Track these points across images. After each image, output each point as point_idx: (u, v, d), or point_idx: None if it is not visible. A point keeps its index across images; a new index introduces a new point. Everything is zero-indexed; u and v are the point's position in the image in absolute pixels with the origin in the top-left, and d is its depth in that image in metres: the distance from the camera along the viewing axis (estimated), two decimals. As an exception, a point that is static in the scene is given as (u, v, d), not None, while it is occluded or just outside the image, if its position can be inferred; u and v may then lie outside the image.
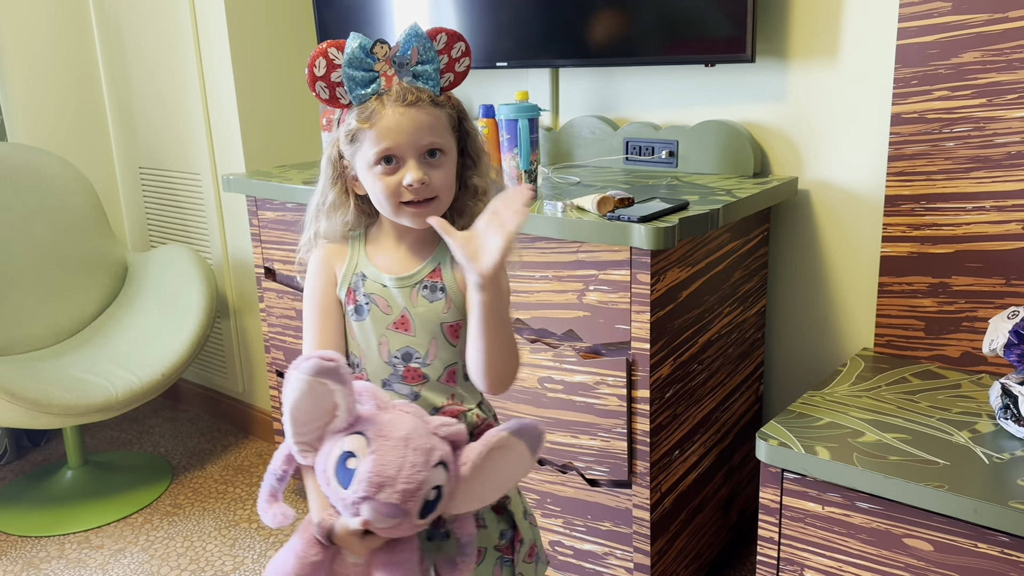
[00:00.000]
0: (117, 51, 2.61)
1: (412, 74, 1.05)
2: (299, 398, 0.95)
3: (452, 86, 1.10)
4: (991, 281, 1.55)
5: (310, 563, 1.01)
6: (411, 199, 1.05)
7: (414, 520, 0.96)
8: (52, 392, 2.03)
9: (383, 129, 1.03)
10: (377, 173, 1.05)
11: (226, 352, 2.66)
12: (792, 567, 1.39)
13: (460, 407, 1.13)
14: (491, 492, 1.03)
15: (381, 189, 1.05)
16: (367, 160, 1.05)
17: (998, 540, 1.17)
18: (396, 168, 1.04)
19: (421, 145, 1.04)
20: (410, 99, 1.04)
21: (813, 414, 1.44)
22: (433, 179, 1.05)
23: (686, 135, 1.88)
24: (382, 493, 0.93)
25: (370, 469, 0.94)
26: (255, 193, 2.04)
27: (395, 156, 1.04)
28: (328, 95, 1.06)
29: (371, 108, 1.04)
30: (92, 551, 2.10)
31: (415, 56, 1.05)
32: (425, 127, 1.04)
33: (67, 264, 2.45)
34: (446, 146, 1.07)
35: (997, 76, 1.47)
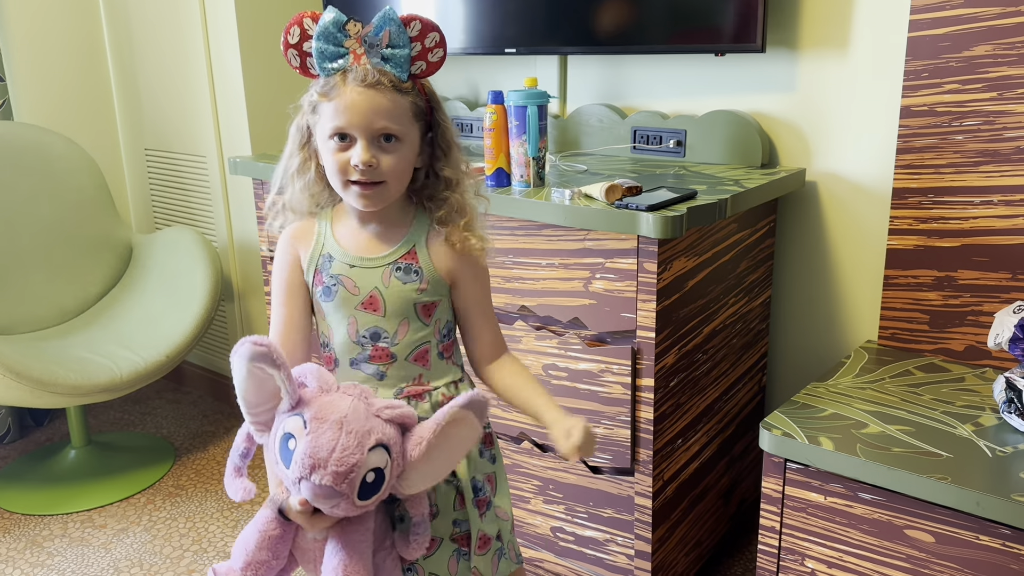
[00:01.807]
0: (123, 31, 2.61)
1: (381, 56, 1.06)
2: (241, 382, 0.98)
3: (424, 74, 1.10)
4: (997, 275, 1.55)
5: (270, 537, 1.04)
6: (357, 179, 1.06)
7: (354, 501, 0.97)
8: (56, 372, 2.04)
9: (339, 106, 1.05)
10: (330, 148, 1.07)
11: (230, 335, 2.66)
12: (793, 556, 1.40)
13: (424, 387, 1.15)
14: (444, 467, 1.04)
15: (331, 164, 1.07)
16: (323, 132, 1.07)
17: (1000, 533, 1.18)
18: (348, 146, 1.06)
19: (374, 128, 1.05)
20: (370, 80, 1.05)
21: (817, 405, 1.45)
22: (382, 163, 1.06)
23: (694, 125, 1.88)
24: (315, 475, 0.95)
25: (304, 451, 0.96)
26: (261, 176, 2.04)
27: (347, 134, 1.05)
28: (299, 63, 1.08)
29: (333, 83, 1.06)
30: (95, 530, 2.11)
31: (386, 39, 1.06)
32: (381, 111, 1.05)
33: (72, 245, 2.46)
34: (402, 133, 1.07)
35: (1008, 70, 1.47)
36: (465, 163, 1.17)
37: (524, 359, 1.18)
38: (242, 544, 1.05)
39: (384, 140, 1.06)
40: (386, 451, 0.98)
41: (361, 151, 1.04)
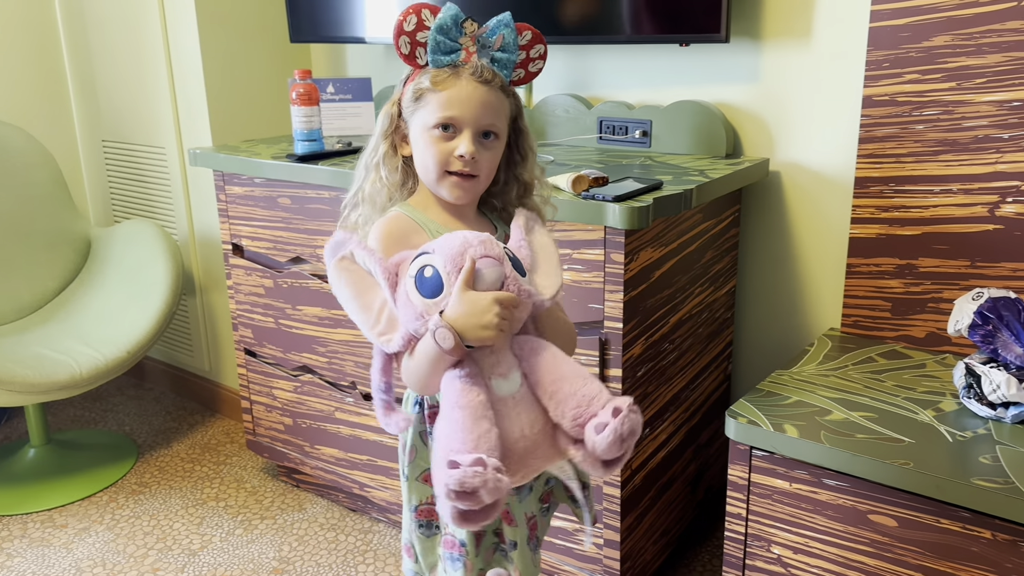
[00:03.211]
0: (79, 19, 2.55)
1: (491, 58, 1.09)
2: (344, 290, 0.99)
3: (520, 82, 1.14)
4: (957, 263, 1.57)
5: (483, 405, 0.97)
6: (458, 169, 1.07)
7: (513, 272, 0.98)
8: (13, 369, 1.99)
9: (453, 97, 1.06)
10: (433, 137, 1.07)
11: (192, 330, 2.62)
12: (759, 543, 1.41)
13: None
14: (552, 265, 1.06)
15: (433, 153, 1.07)
16: (426, 122, 1.07)
17: (960, 516, 1.20)
18: (452, 136, 1.07)
19: (482, 123, 1.07)
20: (486, 76, 1.07)
21: (781, 393, 1.46)
22: (482, 158, 1.07)
23: (660, 115, 1.88)
24: (468, 254, 0.96)
25: (445, 254, 0.96)
26: (222, 168, 2.01)
27: (455, 125, 1.06)
28: (408, 51, 1.08)
29: (447, 74, 1.07)
30: (56, 530, 2.07)
31: (499, 42, 1.09)
32: (490, 107, 1.07)
33: (28, 239, 2.40)
34: (501, 133, 1.10)
35: (967, 60, 1.49)
36: (541, 170, 1.20)
37: None
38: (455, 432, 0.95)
39: (484, 136, 1.08)
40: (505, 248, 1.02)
41: (468, 143, 1.06)
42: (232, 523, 2.08)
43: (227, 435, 2.52)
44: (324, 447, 2.05)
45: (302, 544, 1.98)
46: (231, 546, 1.98)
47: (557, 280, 1.05)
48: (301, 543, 1.99)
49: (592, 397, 0.98)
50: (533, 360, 1.01)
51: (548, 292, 1.03)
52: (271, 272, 2.01)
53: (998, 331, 1.35)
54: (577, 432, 0.99)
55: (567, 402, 0.98)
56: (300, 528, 2.05)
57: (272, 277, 2.01)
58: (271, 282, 2.02)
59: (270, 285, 2.02)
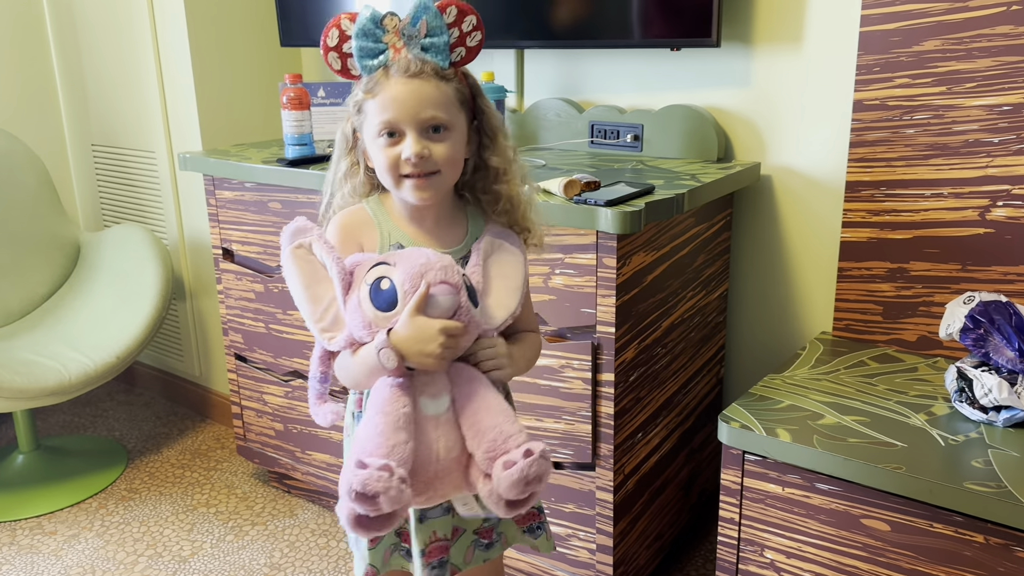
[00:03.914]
0: (68, 23, 2.53)
1: (421, 47, 1.05)
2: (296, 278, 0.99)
3: (464, 61, 1.09)
4: (948, 267, 1.58)
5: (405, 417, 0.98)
6: (410, 172, 1.04)
7: (467, 303, 0.99)
8: (2, 375, 1.98)
9: (385, 100, 1.03)
10: (380, 145, 1.05)
11: (182, 335, 2.61)
12: (752, 547, 1.41)
13: None
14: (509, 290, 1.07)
15: (383, 161, 1.05)
16: (371, 131, 1.06)
17: (952, 520, 1.20)
18: (398, 141, 1.04)
19: (422, 118, 1.03)
20: (413, 70, 1.03)
21: (774, 397, 1.46)
22: (434, 152, 1.04)
23: (651, 119, 1.88)
24: (426, 277, 0.97)
25: (405, 271, 0.97)
26: (212, 172, 2.00)
27: (395, 128, 1.04)
28: (340, 66, 1.07)
29: (376, 79, 1.04)
30: (45, 537, 2.05)
31: (424, 28, 1.04)
32: (427, 100, 1.03)
33: (17, 244, 2.38)
34: (451, 121, 1.05)
35: (957, 64, 1.50)
36: (512, 150, 1.15)
37: None
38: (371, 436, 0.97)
39: (433, 131, 1.05)
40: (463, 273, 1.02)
41: (412, 143, 1.03)
42: (223, 529, 2.06)
43: (217, 440, 2.50)
44: (315, 452, 2.04)
45: (293, 550, 1.97)
46: (222, 552, 1.97)
47: (509, 308, 1.06)
48: (292, 549, 1.98)
49: (510, 435, 1.00)
50: (465, 388, 1.03)
51: (496, 320, 1.05)
52: (261, 277, 2.00)
53: (989, 335, 1.35)
54: (487, 466, 1.00)
55: (485, 434, 1.00)
56: (291, 534, 2.04)
57: (263, 282, 2.00)
58: (262, 287, 2.01)
59: (260, 290, 2.01)
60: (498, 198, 1.13)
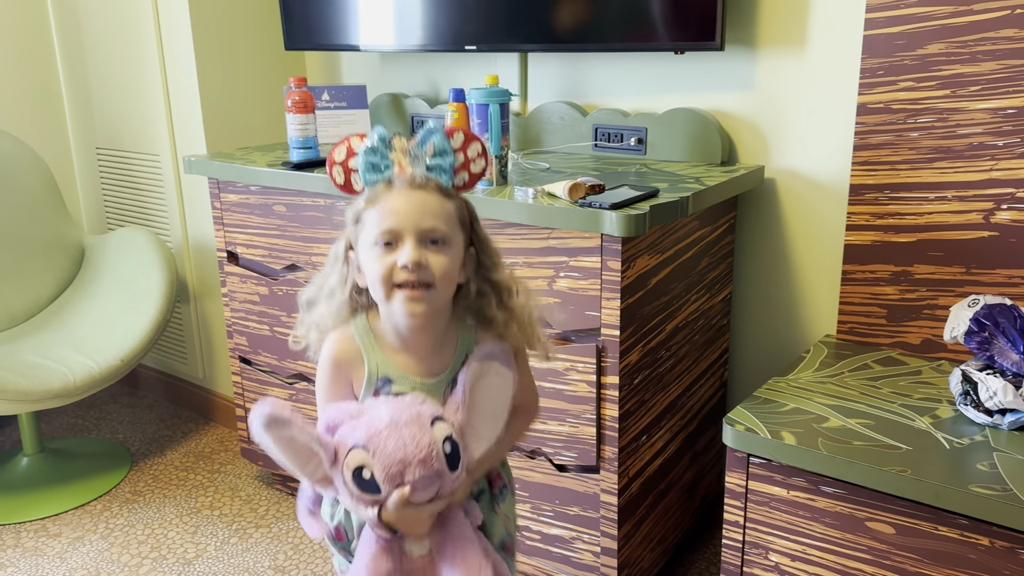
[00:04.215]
0: (73, 26, 2.54)
1: (426, 167, 1.06)
2: (275, 451, 1.00)
3: (466, 187, 1.09)
4: (952, 269, 1.58)
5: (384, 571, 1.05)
6: (404, 280, 1.02)
7: (449, 476, 1.01)
8: (7, 377, 1.98)
9: (386, 208, 1.03)
10: (376, 254, 1.03)
11: (186, 338, 2.61)
12: (757, 550, 1.41)
13: None
14: (493, 420, 1.07)
15: (377, 270, 1.03)
16: (368, 240, 1.04)
17: (958, 523, 1.20)
18: (394, 250, 1.03)
19: (422, 228, 1.02)
20: (418, 182, 1.04)
21: (778, 400, 1.46)
22: (431, 263, 1.02)
23: (655, 122, 1.89)
24: (407, 475, 0.98)
25: (383, 466, 0.98)
26: (217, 175, 2.01)
27: (395, 237, 1.02)
28: (343, 180, 1.08)
29: (378, 191, 1.05)
30: (49, 539, 2.05)
31: (431, 149, 1.06)
32: (428, 210, 1.03)
33: (21, 247, 2.39)
34: (450, 236, 1.05)
35: (961, 68, 1.50)
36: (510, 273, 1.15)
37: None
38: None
39: (432, 243, 1.03)
40: (443, 420, 1.02)
41: (410, 249, 1.01)
42: (227, 532, 2.07)
43: (221, 443, 2.51)
44: (319, 455, 2.04)
45: (297, 552, 1.97)
46: (226, 555, 1.97)
47: (488, 440, 1.06)
48: (296, 551, 1.98)
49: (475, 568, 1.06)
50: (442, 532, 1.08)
51: (473, 456, 1.05)
52: (266, 280, 2.01)
53: (994, 338, 1.35)
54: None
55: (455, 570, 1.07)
56: (295, 536, 2.04)
57: (267, 285, 2.01)
58: (266, 290, 2.01)
59: (265, 293, 2.02)
60: (511, 316, 1.12)
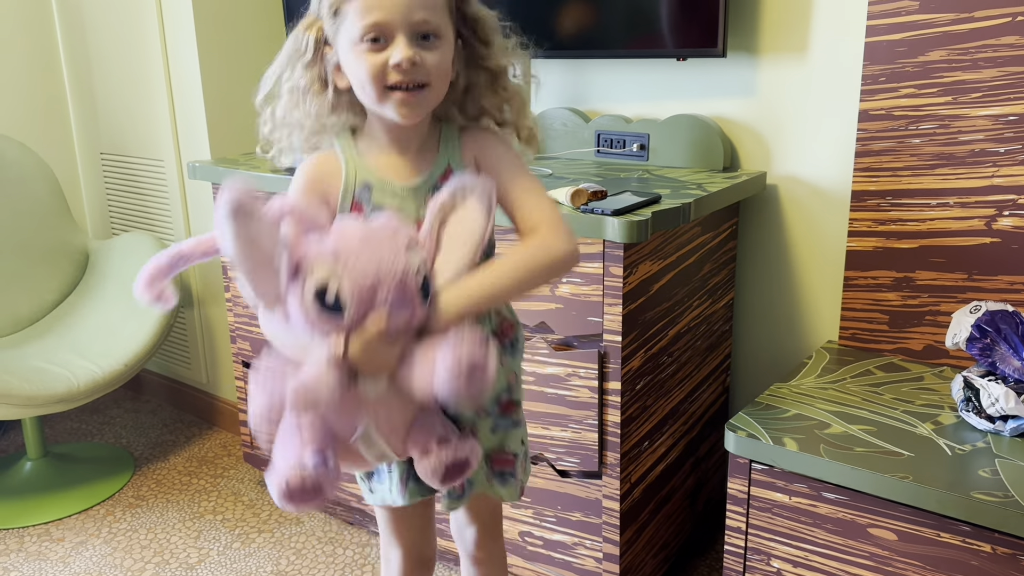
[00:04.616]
0: (78, 33, 2.55)
1: None
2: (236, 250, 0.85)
3: None
4: (954, 276, 1.58)
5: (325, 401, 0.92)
6: (399, 81, 0.94)
7: (420, 305, 0.92)
8: (11, 382, 1.99)
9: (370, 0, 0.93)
10: (361, 51, 0.94)
11: (190, 342, 2.62)
12: (759, 556, 1.41)
13: None
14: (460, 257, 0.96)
15: (365, 70, 0.94)
16: (351, 37, 0.94)
17: (960, 530, 1.20)
18: (383, 47, 0.94)
19: (413, 21, 0.93)
20: None
21: (780, 406, 1.46)
22: (426, 61, 0.94)
23: (657, 129, 1.89)
24: (379, 295, 0.89)
25: (354, 283, 0.88)
26: (221, 181, 2.01)
27: (383, 33, 0.93)
28: None
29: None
30: (53, 544, 2.06)
31: None
32: (418, 2, 0.93)
33: (26, 252, 2.40)
34: (442, 29, 0.96)
35: (962, 75, 1.50)
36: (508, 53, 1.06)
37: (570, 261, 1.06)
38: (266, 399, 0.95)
39: (423, 39, 0.94)
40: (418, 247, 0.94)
41: (403, 47, 0.92)
42: (230, 536, 2.07)
43: (224, 448, 2.51)
44: (322, 460, 2.04)
45: (300, 557, 1.98)
46: (229, 560, 1.98)
47: (455, 267, 0.95)
48: (299, 556, 1.98)
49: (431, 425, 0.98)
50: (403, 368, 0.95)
51: (440, 278, 0.95)
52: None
53: (996, 344, 1.35)
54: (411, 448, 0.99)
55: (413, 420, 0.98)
56: (298, 541, 2.04)
57: (271, 290, 2.01)
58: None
59: (269, 298, 2.02)
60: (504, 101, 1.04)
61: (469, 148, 1.06)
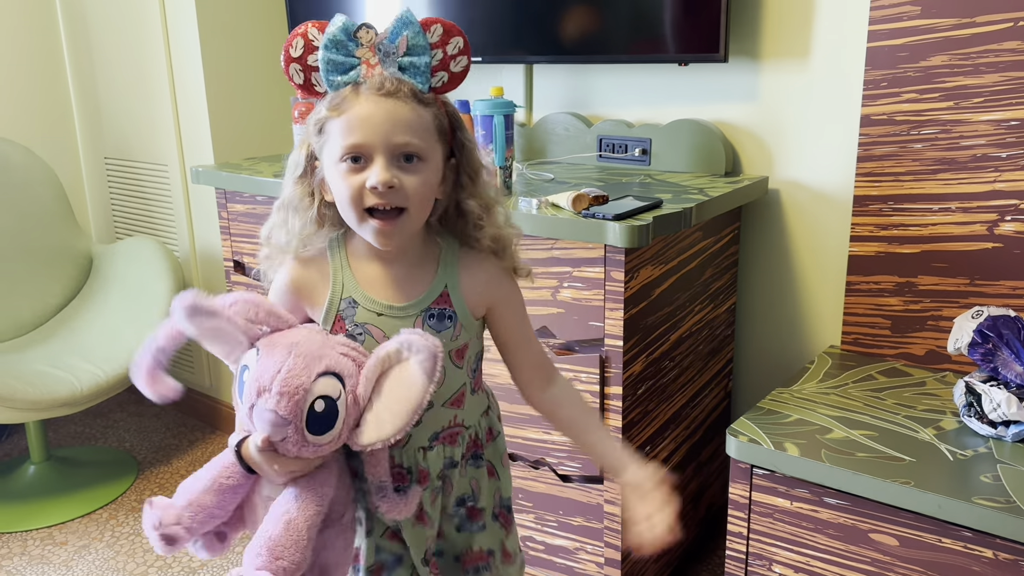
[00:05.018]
0: (82, 38, 2.56)
1: (398, 66, 0.93)
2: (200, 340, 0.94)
3: (446, 88, 0.97)
4: (956, 281, 1.58)
5: (221, 484, 0.97)
6: (375, 203, 0.92)
7: (303, 432, 0.91)
8: (15, 386, 1.99)
9: (353, 119, 0.91)
10: (342, 171, 0.93)
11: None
12: (760, 561, 1.41)
13: (458, 427, 1.06)
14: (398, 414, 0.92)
15: (344, 190, 0.93)
16: (333, 155, 0.93)
17: (961, 535, 1.20)
18: (363, 167, 0.92)
19: (394, 143, 0.91)
20: (388, 88, 0.91)
21: (782, 411, 1.46)
22: (404, 184, 0.91)
23: (659, 133, 1.89)
24: (261, 399, 0.90)
25: (252, 376, 0.91)
26: (224, 185, 2.02)
27: (363, 153, 0.91)
28: (302, 80, 0.95)
29: (343, 95, 0.92)
30: (56, 547, 2.06)
31: (403, 46, 0.93)
32: (401, 122, 0.91)
33: (30, 256, 2.41)
34: (426, 151, 0.93)
35: (964, 80, 1.50)
36: (495, 188, 1.04)
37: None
38: (190, 483, 0.98)
39: (405, 160, 0.92)
40: (339, 381, 0.92)
41: (380, 169, 0.90)
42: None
43: (227, 452, 2.51)
44: (324, 464, 2.05)
45: (302, 562, 1.98)
46: (231, 564, 1.98)
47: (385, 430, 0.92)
48: (301, 561, 1.98)
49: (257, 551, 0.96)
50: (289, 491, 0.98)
51: (361, 441, 0.93)
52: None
53: (998, 349, 1.35)
54: None
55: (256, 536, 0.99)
56: (300, 546, 2.04)
57: (273, 294, 2.01)
58: (272, 299, 2.02)
59: (271, 302, 2.02)
60: (476, 242, 1.01)
61: (470, 274, 1.02)
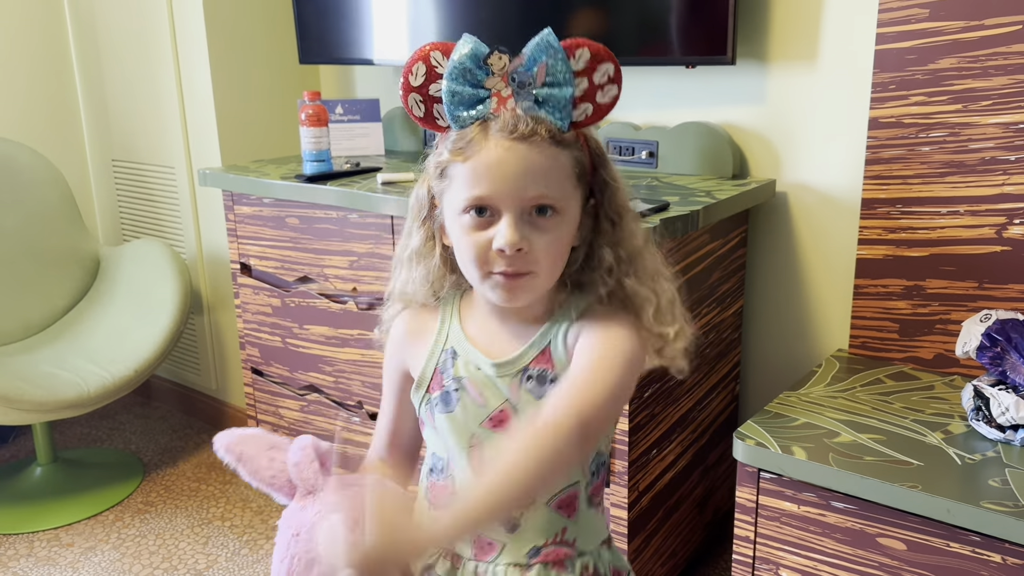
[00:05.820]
0: (90, 40, 2.57)
1: (535, 98, 0.80)
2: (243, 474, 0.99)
3: (589, 121, 0.83)
4: (964, 284, 1.57)
5: None
6: (501, 269, 0.80)
7: None
8: (22, 387, 2.00)
9: (479, 166, 0.78)
10: (464, 225, 0.80)
11: (199, 349, 2.63)
12: (768, 566, 1.41)
13: (568, 549, 0.86)
14: None
15: (466, 248, 0.80)
16: (455, 205, 0.81)
17: (970, 540, 1.19)
18: (490, 222, 0.79)
19: (526, 197, 0.78)
20: (522, 131, 0.78)
21: (789, 414, 1.46)
22: (535, 246, 0.79)
23: (666, 136, 1.89)
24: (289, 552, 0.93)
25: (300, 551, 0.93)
26: (231, 188, 2.02)
27: (490, 206, 0.79)
28: (423, 112, 0.82)
29: (469, 136, 0.79)
30: (62, 549, 2.06)
31: (542, 75, 0.81)
32: (536, 172, 0.78)
33: (38, 258, 2.41)
34: (562, 203, 0.80)
35: (972, 83, 1.50)
36: (643, 235, 0.88)
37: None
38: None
39: (537, 213, 0.79)
40: None
41: (508, 230, 0.77)
42: (238, 543, 2.07)
43: (233, 454, 2.51)
44: (330, 467, 2.05)
45: (308, 564, 1.98)
46: (237, 566, 1.98)
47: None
48: (307, 563, 1.98)
49: None
50: None
51: None
52: (279, 291, 2.02)
53: (1006, 353, 1.34)
54: None
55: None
56: (306, 548, 2.04)
57: (280, 296, 2.02)
58: (279, 301, 2.02)
59: (278, 304, 2.03)
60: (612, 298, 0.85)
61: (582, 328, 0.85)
